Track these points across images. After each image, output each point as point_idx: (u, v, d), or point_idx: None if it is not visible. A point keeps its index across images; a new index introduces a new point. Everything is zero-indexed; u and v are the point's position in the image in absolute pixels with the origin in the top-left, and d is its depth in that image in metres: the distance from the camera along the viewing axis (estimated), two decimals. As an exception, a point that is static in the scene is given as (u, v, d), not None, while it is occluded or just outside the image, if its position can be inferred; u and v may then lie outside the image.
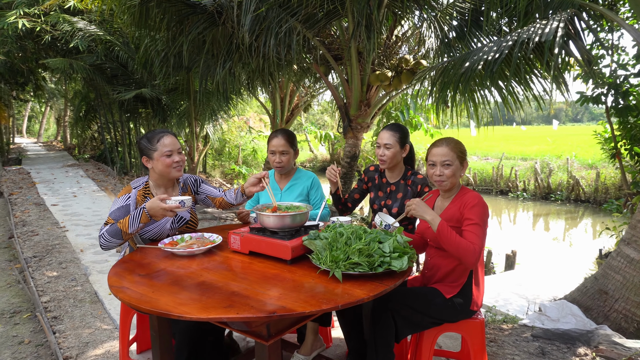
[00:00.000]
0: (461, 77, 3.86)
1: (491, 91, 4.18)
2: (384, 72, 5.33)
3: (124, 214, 2.18)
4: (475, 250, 1.88)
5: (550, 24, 3.35)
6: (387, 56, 5.64)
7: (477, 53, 3.67)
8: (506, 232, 11.34)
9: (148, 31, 6.36)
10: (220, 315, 1.39)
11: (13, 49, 10.04)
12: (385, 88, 5.53)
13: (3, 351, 3.18)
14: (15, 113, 32.73)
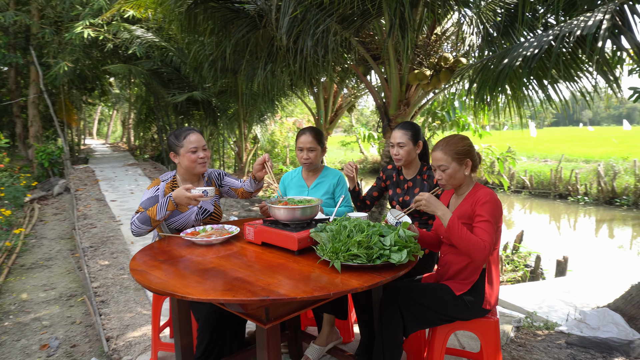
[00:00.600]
0: (499, 75, 3.76)
1: (534, 89, 4.04)
2: (422, 71, 5.27)
3: (152, 203, 2.36)
4: (485, 247, 1.85)
5: (594, 16, 3.19)
6: (427, 55, 5.57)
7: (517, 49, 3.56)
8: (563, 238, 10.75)
9: (196, 36, 6.70)
10: (217, 297, 1.49)
11: (80, 57, 10.89)
12: (424, 87, 5.46)
13: (58, 329, 3.50)
14: (86, 116, 35.38)
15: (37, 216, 7.55)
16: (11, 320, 3.68)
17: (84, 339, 3.30)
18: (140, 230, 2.30)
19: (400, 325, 2.02)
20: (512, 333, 3.23)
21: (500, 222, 2.04)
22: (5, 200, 7.74)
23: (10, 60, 12.33)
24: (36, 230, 6.71)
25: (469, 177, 2.13)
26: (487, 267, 2.06)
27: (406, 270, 1.74)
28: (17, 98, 13.42)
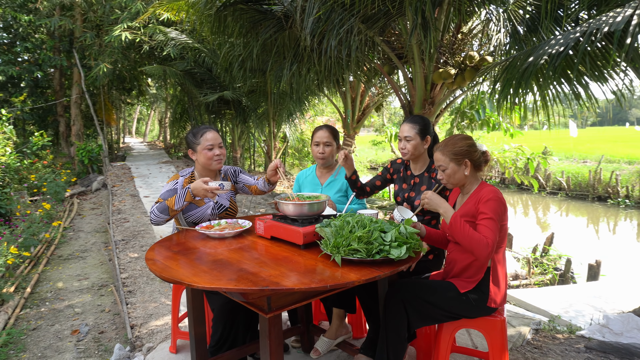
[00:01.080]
0: (523, 73, 3.71)
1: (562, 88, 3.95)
2: (446, 69, 5.23)
3: (171, 194, 2.48)
4: (487, 243, 1.87)
5: (624, 11, 3.10)
6: (452, 53, 5.52)
7: (543, 47, 3.50)
8: (599, 242, 10.35)
9: (225, 38, 6.88)
10: (221, 286, 1.58)
11: (119, 59, 11.36)
12: (448, 86, 5.41)
13: (88, 316, 3.71)
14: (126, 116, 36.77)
15: (76, 210, 7.96)
16: (47, 306, 3.93)
17: (112, 326, 3.49)
18: (158, 219, 2.42)
19: (404, 321, 2.06)
20: (529, 335, 3.19)
21: (505, 221, 2.04)
22: (47, 195, 8.19)
23: (56, 63, 13.00)
24: (74, 224, 7.08)
25: (473, 177, 2.13)
26: (492, 266, 2.07)
27: (406, 265, 1.78)
28: (61, 98, 14.13)
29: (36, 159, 9.42)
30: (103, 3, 11.25)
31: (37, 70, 12.89)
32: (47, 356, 3.08)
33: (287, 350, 2.76)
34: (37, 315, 3.76)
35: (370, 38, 5.21)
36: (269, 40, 6.02)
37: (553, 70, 3.50)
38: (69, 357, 3.06)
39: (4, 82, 12.89)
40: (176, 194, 2.41)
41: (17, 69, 12.39)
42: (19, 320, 3.64)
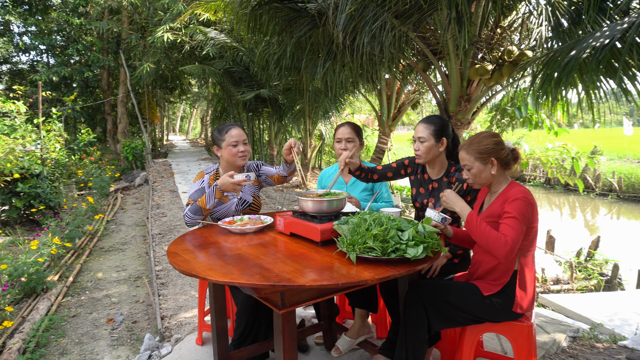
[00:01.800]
0: (564, 68, 3.53)
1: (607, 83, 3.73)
2: (483, 65, 5.06)
3: (200, 194, 2.53)
4: (506, 241, 1.79)
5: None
6: (490, 48, 5.33)
7: (587, 39, 3.32)
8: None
9: (261, 36, 6.96)
10: (233, 280, 1.59)
11: (161, 59, 11.74)
12: (485, 82, 5.23)
13: (124, 306, 3.86)
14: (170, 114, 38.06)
15: (119, 205, 8.31)
16: (87, 295, 4.12)
17: (144, 317, 3.62)
18: (193, 221, 2.48)
19: (424, 322, 2.01)
20: (565, 343, 3.03)
21: (533, 223, 1.94)
22: (93, 189, 8.60)
23: (104, 63, 13.63)
24: (116, 217, 7.39)
25: (501, 176, 2.04)
26: (520, 269, 1.98)
27: (423, 265, 1.73)
28: (108, 97, 14.79)
29: (84, 155, 9.91)
30: (147, 5, 11.67)
31: (87, 70, 13.55)
32: (84, 342, 3.23)
33: (308, 349, 2.75)
34: (77, 303, 3.95)
35: (404, 33, 5.11)
36: (302, 38, 6.04)
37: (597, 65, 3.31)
38: (103, 344, 3.19)
39: (57, 83, 13.64)
40: (206, 193, 2.45)
41: (69, 70, 13.08)
42: (60, 307, 3.84)
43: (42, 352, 3.05)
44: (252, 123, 13.33)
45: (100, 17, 13.15)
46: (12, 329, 3.24)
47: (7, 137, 6.08)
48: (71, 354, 3.07)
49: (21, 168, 6.18)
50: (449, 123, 2.51)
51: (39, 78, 12.01)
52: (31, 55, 15.09)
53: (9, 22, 13.95)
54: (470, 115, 5.68)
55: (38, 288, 3.87)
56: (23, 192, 6.28)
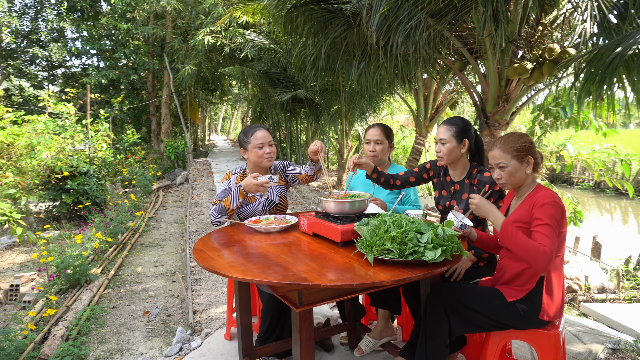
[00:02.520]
0: (608, 66, 3.38)
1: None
2: (522, 64, 4.90)
3: (226, 194, 2.60)
4: (545, 252, 1.73)
5: None
6: (531, 46, 5.15)
7: (634, 35, 3.16)
8: None
9: (297, 38, 7.04)
10: (251, 278, 1.64)
11: (202, 61, 12.10)
12: (525, 81, 5.06)
13: (160, 300, 4.02)
14: (212, 115, 39.11)
15: (161, 202, 8.63)
16: (126, 288, 4.32)
17: (178, 310, 3.75)
18: (218, 220, 2.55)
19: (445, 326, 1.98)
20: (602, 354, 2.90)
21: (563, 227, 1.88)
22: (137, 187, 8.99)
23: (149, 66, 14.20)
24: (157, 215, 7.69)
25: (531, 177, 1.98)
26: (547, 276, 1.91)
27: (441, 269, 1.71)
28: (153, 99, 15.39)
29: (129, 155, 10.38)
30: (189, 10, 12.06)
31: (133, 73, 14.17)
32: (121, 332, 3.40)
33: (333, 349, 2.77)
34: (117, 295, 4.15)
35: (439, 32, 5.03)
36: (337, 39, 6.06)
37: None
38: (138, 335, 3.34)
39: (106, 85, 14.35)
40: (230, 194, 2.52)
41: (116, 73, 13.73)
42: (101, 298, 4.05)
43: (83, 340, 3.23)
44: (290, 124, 13.48)
45: (146, 22, 13.72)
46: (56, 317, 3.46)
47: (58, 136, 6.48)
48: (109, 343, 3.24)
49: (70, 166, 6.55)
50: (471, 124, 2.45)
51: (88, 81, 12.68)
52: (83, 59, 15.94)
53: (63, 29, 14.80)
54: (508, 116, 5.52)
55: (82, 280, 4.10)
56: (72, 189, 6.65)
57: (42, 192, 6.54)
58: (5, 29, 13.44)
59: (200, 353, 2.87)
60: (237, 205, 2.51)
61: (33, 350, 2.92)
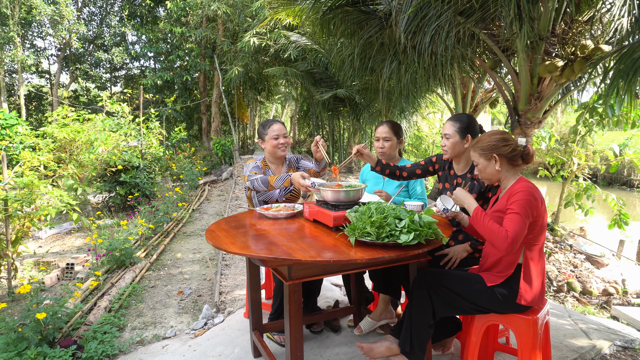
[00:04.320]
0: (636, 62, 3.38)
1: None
2: (553, 62, 4.84)
3: (258, 170, 2.90)
4: (507, 236, 1.88)
5: None
6: (564, 43, 5.06)
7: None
8: None
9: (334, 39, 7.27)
10: (245, 252, 1.89)
11: (249, 62, 12.62)
12: (555, 79, 4.99)
13: (193, 282, 4.40)
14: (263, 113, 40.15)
15: (206, 196, 9.17)
16: (165, 271, 4.75)
17: (208, 292, 4.11)
18: (257, 187, 2.80)
19: (428, 307, 2.14)
20: (607, 350, 2.91)
21: (538, 217, 1.99)
22: (185, 182, 9.59)
23: (200, 68, 14.96)
24: (201, 207, 8.20)
25: (508, 172, 2.10)
26: (524, 263, 2.03)
27: (416, 251, 1.88)
28: (204, 98, 16.18)
29: (179, 151, 11.06)
30: (237, 13, 12.61)
31: (186, 74, 14.99)
32: (157, 308, 3.79)
33: (339, 330, 2.99)
34: (157, 276, 4.58)
35: (468, 30, 5.06)
36: (371, 39, 6.23)
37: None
38: (171, 311, 3.72)
39: (161, 86, 15.28)
40: (279, 175, 2.78)
41: (170, 74, 14.59)
42: (143, 279, 4.49)
43: (123, 312, 3.65)
44: (332, 122, 13.74)
45: (198, 26, 14.47)
46: (102, 292, 3.91)
47: (114, 133, 7.11)
48: (145, 316, 3.63)
49: (124, 161, 7.16)
50: (476, 122, 2.58)
51: (145, 82, 13.58)
52: (141, 61, 17.05)
53: (124, 34, 15.91)
54: (541, 114, 5.47)
55: (127, 261, 4.56)
56: (125, 181, 7.27)
57: (99, 184, 7.20)
58: (74, 35, 14.66)
59: (221, 327, 3.19)
60: (279, 186, 2.76)
61: (81, 317, 3.36)
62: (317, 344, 2.82)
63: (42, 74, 18.84)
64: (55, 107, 15.89)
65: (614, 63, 4.12)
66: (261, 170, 2.96)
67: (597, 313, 4.77)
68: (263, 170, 3.00)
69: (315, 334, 2.95)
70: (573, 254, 6.65)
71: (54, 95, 16.32)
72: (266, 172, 3.02)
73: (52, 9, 12.47)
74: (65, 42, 15.24)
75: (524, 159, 2.12)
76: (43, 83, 20.14)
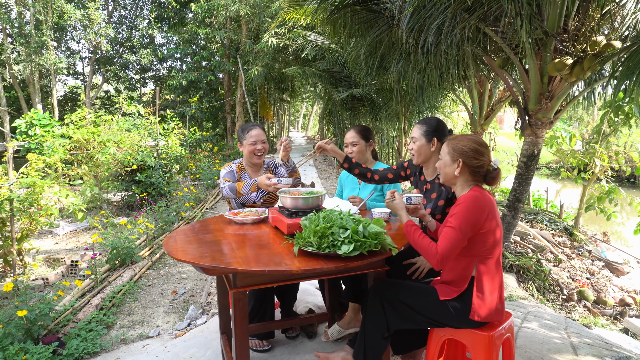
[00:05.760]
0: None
1: None
2: (562, 60, 4.61)
3: (231, 176, 2.96)
4: (436, 252, 1.84)
5: None
6: (575, 40, 4.81)
7: None
8: None
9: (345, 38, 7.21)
10: (189, 260, 1.90)
11: (269, 62, 12.71)
12: (565, 77, 4.76)
13: (189, 282, 4.47)
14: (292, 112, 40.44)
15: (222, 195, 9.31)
16: (165, 270, 4.85)
17: (201, 292, 4.17)
18: (228, 195, 2.90)
19: (382, 319, 2.09)
20: (594, 367, 2.76)
21: (487, 231, 1.90)
22: (202, 181, 9.77)
23: (224, 68, 15.19)
24: (216, 207, 8.33)
25: (465, 182, 2.01)
26: (477, 277, 1.95)
27: (357, 263, 1.84)
28: (229, 98, 16.43)
29: (199, 150, 11.28)
30: (257, 13, 12.72)
31: (211, 74, 15.26)
32: (148, 307, 3.88)
33: (314, 336, 2.96)
34: (155, 275, 4.69)
35: (474, 27, 4.90)
36: (379, 38, 6.15)
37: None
38: (161, 311, 3.80)
39: (186, 86, 15.63)
40: (245, 182, 2.85)
41: (195, 75, 14.89)
42: (142, 277, 4.61)
43: (114, 310, 3.75)
44: (353, 121, 13.64)
45: (222, 27, 14.70)
46: (99, 289, 4.04)
47: (129, 133, 7.32)
48: (135, 315, 3.73)
49: (138, 160, 7.37)
50: (445, 126, 2.50)
51: (171, 83, 13.91)
52: (168, 62, 17.48)
53: (152, 36, 16.35)
54: (552, 114, 5.25)
55: (127, 260, 4.69)
56: (140, 180, 7.48)
57: (116, 183, 7.44)
58: (104, 38, 15.21)
59: (200, 329, 3.23)
60: (246, 193, 2.84)
61: (72, 314, 3.48)
62: (288, 349, 2.81)
63: (77, 76, 19.68)
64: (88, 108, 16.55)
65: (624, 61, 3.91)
66: (236, 175, 2.98)
67: (606, 325, 4.53)
68: (238, 175, 3.01)
69: (290, 339, 2.94)
70: (591, 261, 6.33)
71: (86, 96, 17.00)
72: (242, 176, 3.04)
73: (82, 14, 12.98)
74: (95, 45, 15.83)
75: (486, 180, 2.02)
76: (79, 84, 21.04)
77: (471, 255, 1.94)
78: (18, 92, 15.69)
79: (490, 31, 4.99)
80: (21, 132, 9.67)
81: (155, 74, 17.65)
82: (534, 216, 7.78)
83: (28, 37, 12.74)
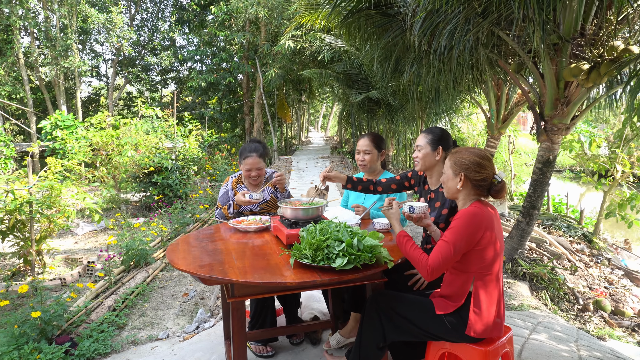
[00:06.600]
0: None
1: None
2: (578, 65, 4.52)
3: (225, 199, 3.02)
4: (426, 264, 1.86)
5: None
6: (593, 45, 4.70)
7: None
8: None
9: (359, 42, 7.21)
10: (188, 270, 1.95)
11: (286, 64, 12.79)
12: (581, 83, 4.66)
13: (200, 285, 4.53)
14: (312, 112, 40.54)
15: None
16: (177, 272, 4.95)
17: (210, 295, 4.24)
18: (221, 221, 2.97)
19: (379, 331, 2.10)
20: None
21: (484, 246, 1.89)
22: (219, 182, 9.90)
23: (243, 69, 15.35)
24: (231, 208, 8.43)
25: (468, 196, 2.00)
26: (474, 292, 1.94)
27: (352, 276, 1.85)
28: (247, 100, 16.59)
29: (217, 152, 11.43)
30: (275, 16, 12.82)
31: (229, 76, 15.44)
32: (159, 309, 3.97)
33: (318, 342, 2.99)
34: (168, 277, 4.79)
35: (487, 31, 4.84)
36: (394, 41, 6.14)
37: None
38: (171, 313, 3.88)
39: (205, 88, 15.85)
40: (228, 203, 2.97)
41: (214, 76, 15.09)
42: (155, 279, 4.72)
43: (127, 312, 3.85)
44: (370, 123, 13.61)
45: (241, 29, 14.86)
46: (112, 291, 4.15)
47: (147, 136, 7.48)
48: (147, 317, 3.82)
49: (155, 162, 7.52)
50: (450, 136, 2.50)
51: (191, 84, 14.13)
52: (188, 64, 17.75)
53: (173, 39, 16.64)
54: (569, 120, 5.15)
55: (141, 262, 4.80)
56: (157, 182, 7.63)
57: (134, 184, 7.61)
58: (126, 41, 15.56)
59: (207, 332, 3.29)
60: (233, 215, 2.96)
61: (85, 315, 3.59)
62: (291, 355, 2.84)
63: (101, 78, 20.21)
64: (110, 109, 16.96)
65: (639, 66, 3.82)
66: (232, 192, 3.03)
67: (622, 337, 4.41)
68: (234, 189, 3.07)
69: (295, 345, 2.97)
70: (610, 269, 6.17)
71: (109, 97, 17.42)
72: (239, 188, 3.10)
73: (105, 17, 13.32)
74: (117, 47, 16.20)
75: (491, 193, 2.00)
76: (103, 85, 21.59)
77: (469, 271, 1.94)
78: (44, 93, 16.20)
79: (504, 35, 4.92)
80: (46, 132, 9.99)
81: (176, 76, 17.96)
82: (552, 222, 7.63)
83: (54, 41, 13.15)
